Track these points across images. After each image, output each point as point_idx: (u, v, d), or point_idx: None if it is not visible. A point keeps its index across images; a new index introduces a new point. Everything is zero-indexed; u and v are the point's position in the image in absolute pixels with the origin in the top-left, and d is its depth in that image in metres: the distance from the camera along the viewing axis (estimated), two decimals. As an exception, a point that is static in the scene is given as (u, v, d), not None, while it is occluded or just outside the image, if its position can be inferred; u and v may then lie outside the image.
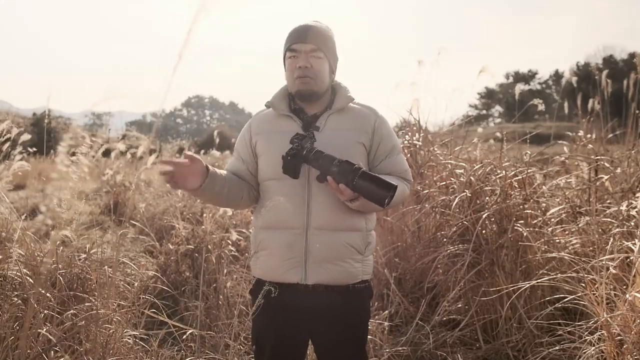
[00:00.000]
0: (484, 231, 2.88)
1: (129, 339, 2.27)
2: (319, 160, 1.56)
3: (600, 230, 2.72)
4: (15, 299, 2.15)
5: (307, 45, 1.66)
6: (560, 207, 3.13)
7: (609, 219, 2.83)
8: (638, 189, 3.08)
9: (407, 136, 3.82)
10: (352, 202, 1.59)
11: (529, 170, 3.02)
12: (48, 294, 2.16)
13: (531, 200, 2.95)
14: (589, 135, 3.89)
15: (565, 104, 4.66)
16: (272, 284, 1.62)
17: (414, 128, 3.86)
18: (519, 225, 2.82)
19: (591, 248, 2.68)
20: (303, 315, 1.68)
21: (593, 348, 2.01)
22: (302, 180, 1.63)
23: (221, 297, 3.13)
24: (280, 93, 1.77)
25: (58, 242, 2.46)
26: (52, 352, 1.99)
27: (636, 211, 2.61)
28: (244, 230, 3.85)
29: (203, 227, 3.68)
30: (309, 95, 1.69)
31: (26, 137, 3.51)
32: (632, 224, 2.59)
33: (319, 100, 1.73)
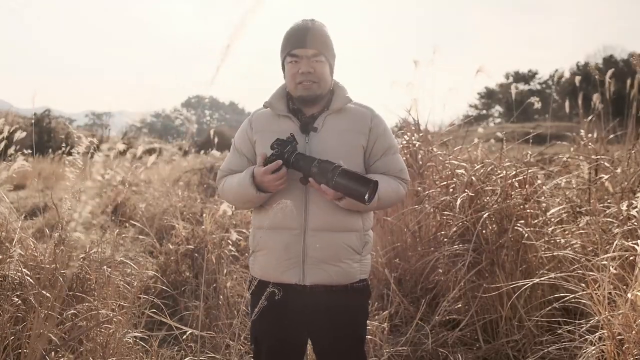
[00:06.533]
0: (484, 231, 2.88)
1: (129, 339, 2.26)
2: (300, 163, 1.56)
3: (600, 230, 2.71)
4: (16, 299, 2.14)
5: (309, 50, 1.65)
6: (561, 207, 3.13)
7: (609, 219, 2.83)
8: (638, 189, 3.07)
9: (405, 136, 3.82)
10: (339, 201, 1.59)
11: (529, 170, 3.02)
12: (48, 294, 2.16)
13: (531, 200, 2.95)
14: (589, 135, 3.89)
15: (567, 104, 4.65)
16: (271, 284, 1.62)
17: (413, 128, 3.86)
18: (519, 225, 2.82)
19: (591, 248, 2.67)
20: (302, 316, 1.68)
21: (593, 347, 2.01)
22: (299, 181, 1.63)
23: (221, 297, 3.12)
24: (278, 93, 1.77)
25: (57, 242, 2.46)
26: (53, 352, 1.99)
27: (636, 211, 2.61)
28: (244, 230, 3.85)
29: (203, 227, 3.68)
30: (312, 100, 1.69)
31: (20, 134, 3.50)
32: (633, 223, 2.59)
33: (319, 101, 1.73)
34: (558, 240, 2.85)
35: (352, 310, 1.73)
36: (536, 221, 2.92)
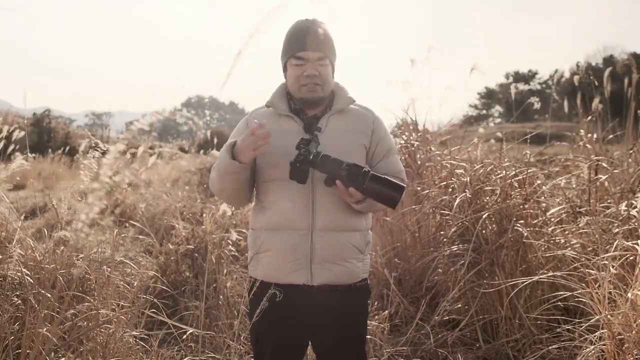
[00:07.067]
0: (484, 231, 2.88)
1: (129, 338, 2.26)
2: (327, 165, 1.56)
3: (600, 230, 2.71)
4: (15, 299, 2.14)
5: (315, 53, 1.64)
6: (561, 207, 3.13)
7: (609, 219, 2.83)
8: (638, 189, 3.07)
9: (404, 136, 3.82)
10: (358, 203, 1.59)
11: (529, 171, 3.02)
12: (48, 294, 2.16)
13: (531, 200, 2.95)
14: (589, 135, 3.89)
15: (565, 104, 4.65)
16: (276, 285, 1.62)
17: (411, 128, 3.86)
18: (519, 225, 2.82)
19: (591, 248, 2.67)
20: (308, 316, 1.67)
21: (593, 347, 2.01)
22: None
23: (221, 297, 3.12)
24: (278, 92, 1.75)
25: (58, 242, 2.46)
26: (53, 352, 1.99)
27: (636, 211, 2.61)
28: (244, 230, 3.85)
29: (203, 227, 3.67)
30: (316, 102, 1.69)
31: (19, 134, 3.51)
32: (634, 223, 2.59)
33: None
34: (558, 240, 2.85)
35: (355, 309, 1.74)
36: (536, 221, 2.92)
